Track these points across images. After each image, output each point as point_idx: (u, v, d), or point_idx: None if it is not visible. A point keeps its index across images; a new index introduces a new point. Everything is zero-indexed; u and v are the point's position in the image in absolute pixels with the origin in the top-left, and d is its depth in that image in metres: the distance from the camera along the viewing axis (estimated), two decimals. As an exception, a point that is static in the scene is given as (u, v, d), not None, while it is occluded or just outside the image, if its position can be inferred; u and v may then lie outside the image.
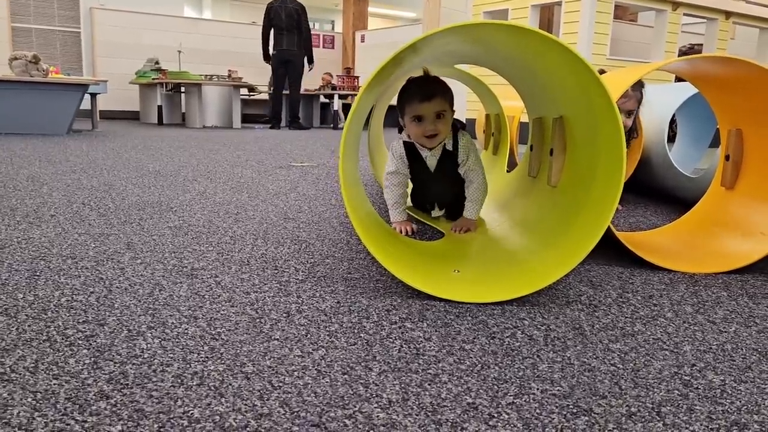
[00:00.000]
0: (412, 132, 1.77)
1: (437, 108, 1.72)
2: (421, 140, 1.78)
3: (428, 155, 1.85)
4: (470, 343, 1.07)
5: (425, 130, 1.74)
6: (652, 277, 1.54)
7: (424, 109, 1.72)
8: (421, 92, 1.71)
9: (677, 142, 3.40)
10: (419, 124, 1.74)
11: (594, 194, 1.39)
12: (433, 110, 1.72)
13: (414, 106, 1.73)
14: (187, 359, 0.96)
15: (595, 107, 1.35)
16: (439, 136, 1.76)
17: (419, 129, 1.74)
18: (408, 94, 1.75)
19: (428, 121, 1.73)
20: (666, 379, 0.97)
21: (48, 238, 1.67)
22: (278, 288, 1.33)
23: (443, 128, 1.75)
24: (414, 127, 1.75)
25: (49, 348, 0.97)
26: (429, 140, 1.77)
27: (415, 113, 1.73)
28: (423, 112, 1.72)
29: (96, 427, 0.76)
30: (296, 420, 0.80)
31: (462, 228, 1.83)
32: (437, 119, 1.73)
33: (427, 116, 1.72)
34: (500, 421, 0.81)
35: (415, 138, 1.79)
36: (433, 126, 1.73)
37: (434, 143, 1.80)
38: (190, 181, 2.91)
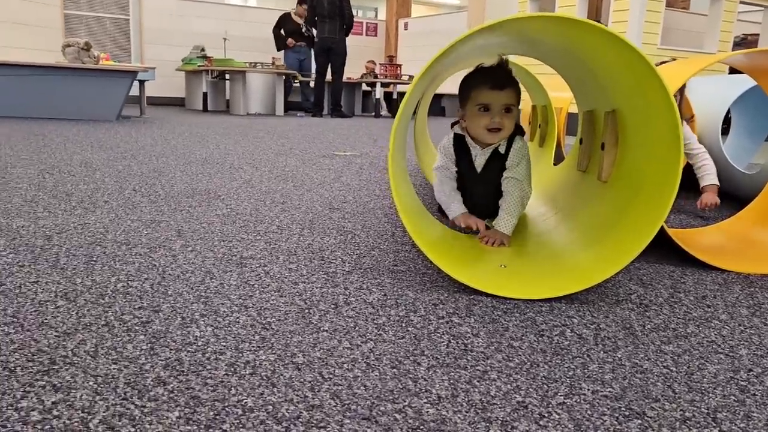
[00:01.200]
0: (474, 123, 1.59)
1: (507, 100, 1.56)
2: (481, 134, 1.60)
3: (478, 153, 1.67)
4: (519, 341, 1.06)
5: (490, 123, 1.56)
6: (704, 277, 1.50)
7: (493, 97, 1.55)
8: (493, 80, 1.55)
9: (731, 136, 3.29)
10: (484, 114, 1.56)
11: (647, 191, 1.36)
12: (503, 102, 1.56)
13: (482, 93, 1.56)
14: (239, 348, 0.98)
15: (650, 101, 1.31)
16: (503, 132, 1.58)
17: (483, 120, 1.57)
18: (476, 80, 1.58)
19: (495, 112, 1.56)
20: (721, 383, 0.94)
21: (103, 224, 1.72)
22: (325, 279, 1.34)
23: (509, 124, 1.58)
24: (477, 118, 1.58)
25: (108, 333, 1.01)
26: (491, 135, 1.58)
27: (481, 101, 1.56)
28: (491, 101, 1.55)
29: (154, 412, 0.78)
30: (347, 413, 0.81)
31: (494, 240, 1.59)
32: (505, 113, 1.57)
33: (494, 107, 1.55)
34: (551, 421, 0.81)
35: (475, 130, 1.61)
36: (500, 119, 1.56)
37: (496, 139, 1.61)
38: (236, 168, 2.95)
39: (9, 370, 0.87)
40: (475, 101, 1.57)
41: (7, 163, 2.77)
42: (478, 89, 1.56)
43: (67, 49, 5.61)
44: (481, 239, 1.61)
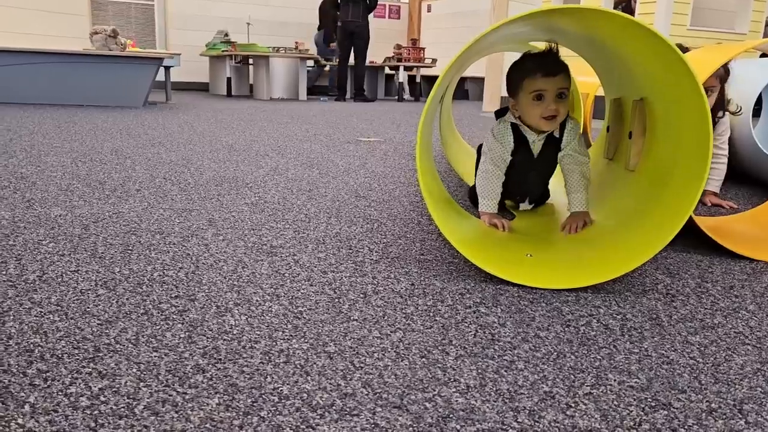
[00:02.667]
0: (529, 112, 1.58)
1: (561, 85, 1.54)
2: (537, 122, 1.59)
3: (535, 140, 1.65)
4: (545, 330, 1.08)
5: (545, 110, 1.54)
6: (733, 266, 1.49)
7: (547, 85, 1.53)
8: (545, 67, 1.53)
9: (762, 120, 3.24)
10: (539, 103, 1.55)
11: (675, 181, 1.36)
12: (556, 87, 1.53)
13: (535, 81, 1.54)
14: (273, 337, 1.01)
15: (679, 90, 1.31)
16: (558, 118, 1.57)
17: (538, 108, 1.55)
18: (527, 68, 1.56)
19: (549, 99, 1.54)
20: (748, 375, 0.95)
21: (136, 212, 1.77)
22: (354, 268, 1.37)
23: (563, 110, 1.57)
24: (532, 107, 1.56)
25: (147, 321, 1.05)
26: (547, 122, 1.57)
27: (535, 89, 1.54)
28: (545, 88, 1.53)
29: (195, 399, 0.82)
30: (379, 401, 0.83)
31: (575, 226, 1.58)
32: (559, 99, 1.55)
33: (548, 94, 1.54)
34: (578, 411, 0.83)
35: (531, 119, 1.60)
36: (555, 106, 1.54)
37: (552, 126, 1.60)
38: (262, 156, 2.99)
39: (57, 357, 0.91)
40: (528, 90, 1.55)
41: (41, 151, 2.84)
42: (531, 78, 1.54)
43: (94, 37, 5.69)
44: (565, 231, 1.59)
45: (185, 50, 8.79)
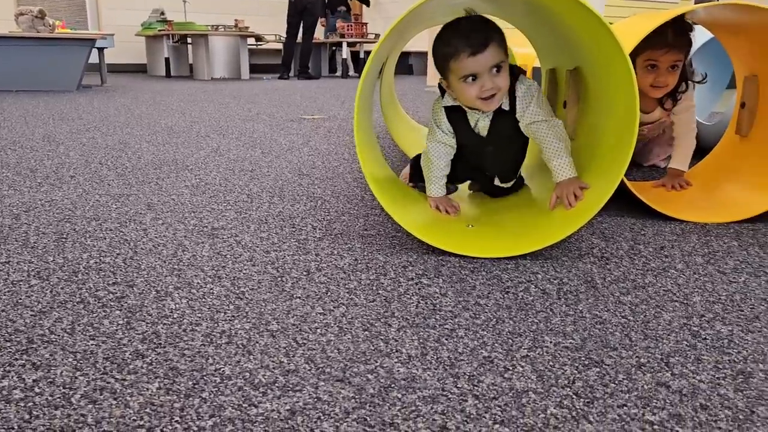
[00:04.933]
0: (464, 95, 1.39)
1: (494, 60, 1.33)
2: (475, 104, 1.40)
3: (479, 118, 1.48)
4: (485, 298, 1.11)
5: (482, 91, 1.36)
6: (663, 228, 1.56)
7: (477, 64, 1.33)
8: (470, 43, 1.32)
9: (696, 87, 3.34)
10: (472, 84, 1.36)
11: (607, 149, 1.40)
12: (489, 64, 1.33)
13: (463, 63, 1.34)
14: (215, 318, 1.00)
15: (608, 59, 1.34)
16: (499, 94, 1.38)
17: (474, 90, 1.36)
18: (450, 47, 1.35)
19: (484, 78, 1.34)
20: (675, 330, 1.00)
21: (70, 199, 1.71)
22: (297, 246, 1.36)
23: (504, 83, 1.37)
24: (466, 89, 1.37)
25: (84, 309, 1.02)
26: (487, 103, 1.39)
27: (465, 72, 1.35)
28: (476, 69, 1.34)
29: (135, 384, 0.81)
30: (321, 375, 0.84)
31: (569, 194, 1.38)
32: (495, 74, 1.35)
33: (481, 72, 1.34)
34: (515, 374, 0.86)
35: (468, 102, 1.42)
36: (492, 83, 1.35)
37: (493, 105, 1.41)
38: (203, 137, 2.93)
39: (-13, 351, 0.88)
40: (458, 73, 1.36)
41: (-34, 140, 2.71)
42: (457, 59, 1.34)
43: (20, 18, 5.41)
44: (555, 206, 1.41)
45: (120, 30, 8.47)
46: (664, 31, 1.66)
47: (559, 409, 0.78)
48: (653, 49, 1.70)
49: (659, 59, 1.70)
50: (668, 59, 1.70)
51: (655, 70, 1.73)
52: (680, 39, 1.71)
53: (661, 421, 0.75)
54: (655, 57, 1.71)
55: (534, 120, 1.44)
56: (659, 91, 1.77)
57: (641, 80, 1.71)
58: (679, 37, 1.70)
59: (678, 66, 1.73)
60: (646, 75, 1.73)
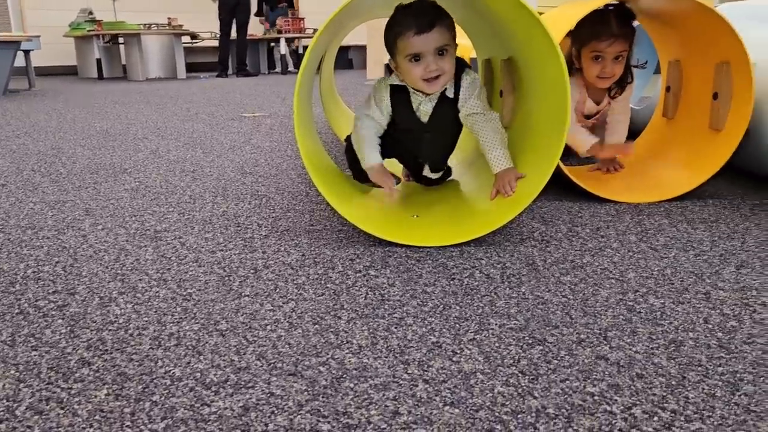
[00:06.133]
0: (409, 75, 1.42)
1: (439, 42, 1.37)
2: (419, 85, 1.43)
3: (422, 101, 1.50)
4: (432, 286, 1.13)
5: (426, 72, 1.38)
6: (599, 210, 1.62)
7: (422, 43, 1.36)
8: (417, 22, 1.35)
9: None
10: (417, 64, 1.38)
11: (542, 135, 1.45)
12: (434, 45, 1.37)
13: (408, 42, 1.37)
14: (162, 321, 0.99)
15: (539, 49, 1.38)
16: (443, 77, 1.41)
17: (416, 70, 1.39)
18: (398, 26, 1.38)
19: (429, 59, 1.37)
20: (612, 305, 1.05)
21: (3, 208, 1.65)
22: (243, 245, 1.36)
23: (448, 67, 1.40)
24: (410, 69, 1.40)
25: (24, 320, 0.99)
26: (430, 84, 1.41)
27: (410, 51, 1.37)
28: (421, 49, 1.37)
29: (82, 392, 0.79)
30: (273, 371, 0.85)
31: (507, 185, 1.42)
32: (439, 56, 1.38)
33: (426, 53, 1.37)
34: (463, 357, 0.88)
35: (412, 82, 1.44)
36: (436, 65, 1.38)
37: (436, 87, 1.43)
38: (140, 139, 2.86)
39: None
40: (403, 52, 1.39)
41: None
42: (403, 37, 1.37)
43: (-64, 21, 5.13)
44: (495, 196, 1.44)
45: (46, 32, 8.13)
46: (608, 22, 1.68)
47: (505, 387, 0.81)
48: (598, 41, 1.71)
49: (605, 50, 1.70)
50: (613, 50, 1.70)
51: (601, 61, 1.72)
52: (624, 29, 1.70)
53: (601, 392, 0.79)
54: (600, 48, 1.71)
55: (473, 111, 1.49)
56: (606, 81, 1.77)
57: (588, 71, 1.75)
58: (623, 28, 1.70)
59: (623, 56, 1.73)
60: (592, 66, 1.74)
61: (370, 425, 0.73)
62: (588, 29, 1.71)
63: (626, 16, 1.73)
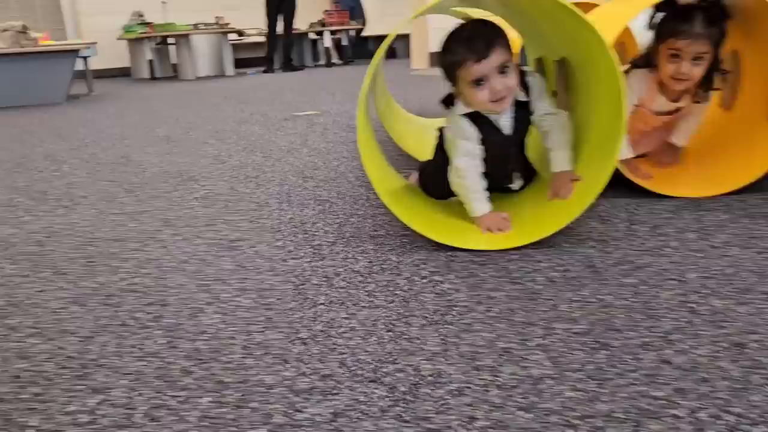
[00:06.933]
0: (475, 100, 1.42)
1: (499, 61, 1.37)
2: (487, 107, 1.43)
3: (500, 116, 1.49)
4: (496, 291, 1.19)
5: (493, 94, 1.38)
6: (657, 206, 1.64)
7: (483, 69, 1.36)
8: (474, 50, 1.36)
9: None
10: (481, 87, 1.39)
11: (597, 138, 1.48)
12: (494, 66, 1.37)
13: (469, 70, 1.37)
14: (248, 330, 1.08)
15: (592, 52, 1.41)
16: (509, 96, 1.42)
17: (483, 94, 1.39)
18: (456, 55, 1.39)
19: (493, 81, 1.37)
20: (674, 308, 1.08)
21: (88, 221, 1.78)
22: (312, 253, 1.44)
23: (513, 83, 1.40)
24: (476, 94, 1.39)
25: (126, 332, 1.10)
26: (498, 104, 1.41)
27: (473, 77, 1.38)
28: (483, 73, 1.37)
29: (188, 400, 0.89)
30: (355, 378, 0.92)
31: (564, 186, 1.46)
32: (502, 75, 1.38)
33: (489, 76, 1.37)
34: (531, 362, 0.94)
35: (480, 106, 1.44)
36: (501, 85, 1.38)
37: (504, 106, 1.43)
38: (201, 144, 2.99)
39: (47, 379, 0.96)
40: (465, 79, 1.40)
41: (-30, 165, 2.75)
42: (464, 67, 1.38)
43: (3, 34, 5.41)
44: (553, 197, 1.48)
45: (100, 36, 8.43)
46: (692, 19, 1.56)
47: (574, 392, 0.86)
48: (677, 38, 1.58)
49: (683, 49, 1.57)
50: (693, 50, 1.57)
51: (678, 60, 1.60)
52: (710, 29, 1.56)
53: (667, 396, 0.84)
54: (678, 46, 1.58)
55: (546, 112, 1.51)
56: (680, 83, 1.64)
57: (663, 69, 1.64)
58: (709, 27, 1.56)
59: (705, 58, 1.59)
60: (667, 64, 1.62)
61: (450, 430, 0.79)
62: (669, 24, 1.61)
63: (716, 15, 1.58)
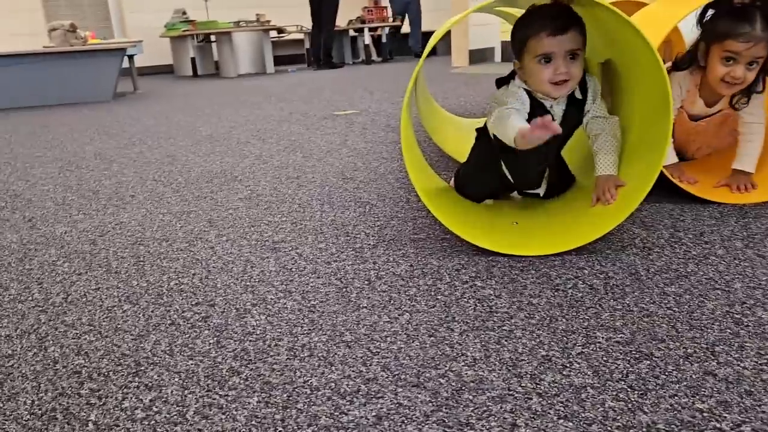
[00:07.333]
0: (535, 78, 1.41)
1: (571, 45, 1.36)
2: (545, 88, 1.42)
3: (553, 104, 1.47)
4: (537, 297, 1.20)
5: (555, 74, 1.38)
6: (702, 212, 1.62)
7: (555, 45, 1.36)
8: (552, 24, 1.35)
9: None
10: (546, 66, 1.38)
11: (641, 143, 1.46)
12: (566, 47, 1.36)
13: (541, 42, 1.36)
14: (294, 333, 1.11)
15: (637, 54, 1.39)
16: (570, 82, 1.41)
17: (546, 72, 1.38)
18: (532, 25, 1.38)
19: (559, 61, 1.37)
20: (718, 318, 1.07)
21: (137, 220, 1.84)
22: (354, 255, 1.46)
23: (577, 72, 1.40)
24: (539, 70, 1.39)
25: (176, 331, 1.14)
26: (557, 88, 1.41)
27: (541, 51, 1.37)
28: (553, 49, 1.36)
29: (237, 400, 0.92)
30: (398, 382, 0.94)
31: (607, 192, 1.43)
32: (570, 60, 1.38)
33: (557, 55, 1.37)
34: (572, 371, 0.95)
35: (538, 85, 1.42)
36: (565, 68, 1.37)
37: (562, 92, 1.43)
38: (243, 143, 3.04)
39: (104, 375, 1.00)
40: (533, 52, 1.38)
41: (25, 163, 2.87)
42: (536, 37, 1.37)
43: (53, 33, 5.59)
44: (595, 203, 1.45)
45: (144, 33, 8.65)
46: (752, 19, 1.50)
47: (616, 402, 0.86)
48: (735, 39, 1.52)
49: (740, 53, 1.51)
50: (750, 54, 1.52)
51: (733, 64, 1.55)
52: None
53: (710, 408, 0.84)
54: (735, 49, 1.53)
55: (597, 115, 1.51)
56: (732, 87, 1.60)
57: (713, 72, 1.60)
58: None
59: (759, 62, 1.55)
60: (719, 67, 1.58)
61: (492, 437, 0.81)
62: (726, 23, 1.54)
63: None
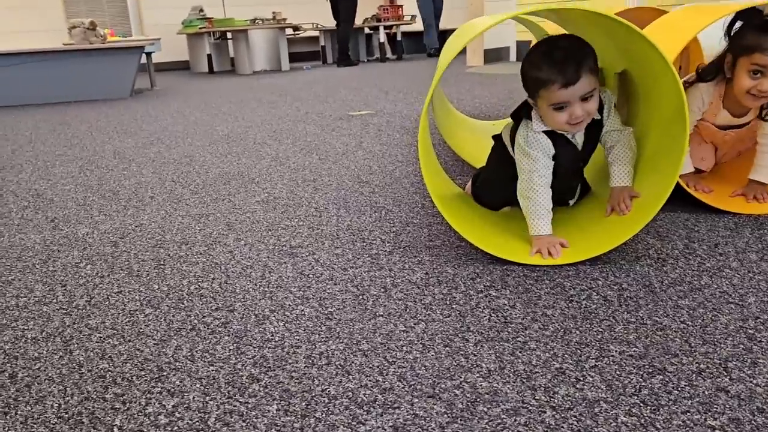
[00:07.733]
0: (552, 121, 1.42)
1: (584, 91, 1.35)
2: (563, 128, 1.43)
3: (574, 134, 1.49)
4: (551, 308, 1.21)
5: (571, 118, 1.37)
6: (717, 223, 1.62)
7: (567, 95, 1.35)
8: (563, 74, 1.33)
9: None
10: (561, 112, 1.38)
11: (658, 153, 1.47)
12: (579, 94, 1.35)
13: (554, 94, 1.35)
14: (312, 340, 1.13)
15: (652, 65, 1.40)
16: (588, 118, 1.41)
17: (562, 117, 1.38)
18: (542, 74, 1.36)
19: (574, 107, 1.36)
20: (732, 333, 1.08)
21: (157, 222, 1.88)
22: (371, 262, 1.48)
23: (593, 108, 1.40)
24: (555, 115, 1.39)
25: (197, 336, 1.17)
26: (575, 127, 1.42)
27: (555, 101, 1.37)
28: (567, 99, 1.36)
29: (257, 407, 0.95)
30: (414, 392, 0.96)
31: (622, 202, 1.47)
32: (585, 101, 1.37)
33: (572, 102, 1.36)
34: (586, 384, 0.96)
35: (556, 126, 1.43)
36: (581, 111, 1.37)
37: (581, 128, 1.44)
38: (260, 144, 3.07)
39: (127, 379, 1.03)
40: (547, 101, 1.38)
41: (46, 162, 2.92)
42: (547, 89, 1.36)
43: (73, 31, 5.66)
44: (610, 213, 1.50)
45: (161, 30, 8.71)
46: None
47: (628, 417, 0.88)
48: (763, 54, 1.49)
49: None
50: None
51: (760, 77, 1.52)
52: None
53: (722, 426, 0.85)
54: (763, 63, 1.50)
55: (613, 128, 1.52)
56: (758, 100, 1.58)
57: (739, 84, 1.57)
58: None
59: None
60: (746, 79, 1.54)
61: (506, 450, 0.83)
62: (754, 37, 1.51)
63: None
